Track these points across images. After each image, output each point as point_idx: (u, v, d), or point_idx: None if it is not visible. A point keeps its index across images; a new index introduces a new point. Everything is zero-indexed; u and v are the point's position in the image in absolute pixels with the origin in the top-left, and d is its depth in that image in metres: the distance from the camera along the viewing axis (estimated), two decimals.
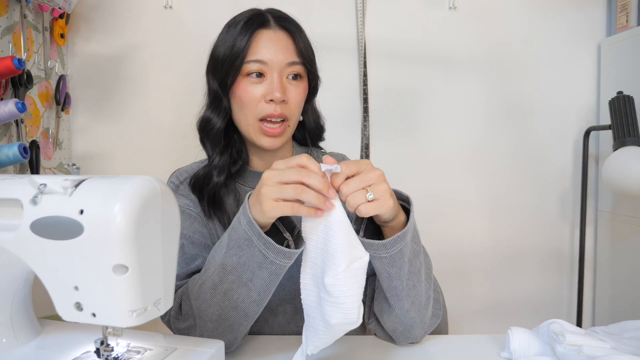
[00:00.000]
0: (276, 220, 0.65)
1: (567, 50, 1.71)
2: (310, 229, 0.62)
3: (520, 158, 1.73)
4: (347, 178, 0.61)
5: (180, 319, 0.74)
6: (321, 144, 0.98)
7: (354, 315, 0.59)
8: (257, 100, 0.80)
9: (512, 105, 1.72)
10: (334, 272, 0.58)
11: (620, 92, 1.41)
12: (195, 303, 0.70)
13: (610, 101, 1.42)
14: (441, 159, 1.71)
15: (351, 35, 1.65)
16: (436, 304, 0.77)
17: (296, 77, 0.82)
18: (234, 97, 0.83)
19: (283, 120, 0.81)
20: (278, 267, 0.64)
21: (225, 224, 0.83)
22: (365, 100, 1.64)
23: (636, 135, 1.35)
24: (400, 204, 0.68)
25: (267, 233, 0.64)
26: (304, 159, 0.61)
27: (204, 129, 0.86)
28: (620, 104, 1.38)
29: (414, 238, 0.68)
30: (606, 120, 1.59)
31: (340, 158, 0.93)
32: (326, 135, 0.97)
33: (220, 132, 0.85)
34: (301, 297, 0.64)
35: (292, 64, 0.81)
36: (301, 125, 0.91)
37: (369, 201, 0.60)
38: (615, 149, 1.38)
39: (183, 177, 0.88)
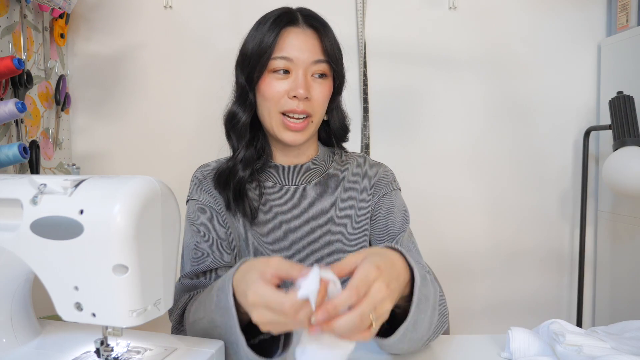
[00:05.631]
0: None
1: (567, 50, 1.71)
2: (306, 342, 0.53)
3: (520, 158, 1.73)
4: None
5: (182, 333, 0.73)
6: None
7: None
8: (281, 95, 0.80)
9: (512, 105, 1.71)
10: None
11: (620, 92, 1.41)
12: (189, 332, 0.68)
13: (610, 101, 1.42)
14: (441, 159, 1.71)
15: (351, 35, 1.65)
16: (441, 318, 0.72)
17: (321, 75, 0.82)
18: (259, 92, 0.83)
19: (306, 117, 0.81)
20: None
21: (249, 215, 0.84)
22: (365, 100, 1.64)
23: (636, 135, 1.35)
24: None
25: None
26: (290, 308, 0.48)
27: (230, 122, 0.87)
28: (620, 104, 1.38)
29: (418, 307, 0.59)
30: (606, 120, 1.59)
31: (362, 160, 0.93)
32: None
33: (246, 126, 0.85)
34: None
35: (318, 62, 0.81)
36: (326, 124, 0.91)
37: (369, 327, 0.50)
38: (615, 149, 1.38)
39: (207, 172, 0.89)
